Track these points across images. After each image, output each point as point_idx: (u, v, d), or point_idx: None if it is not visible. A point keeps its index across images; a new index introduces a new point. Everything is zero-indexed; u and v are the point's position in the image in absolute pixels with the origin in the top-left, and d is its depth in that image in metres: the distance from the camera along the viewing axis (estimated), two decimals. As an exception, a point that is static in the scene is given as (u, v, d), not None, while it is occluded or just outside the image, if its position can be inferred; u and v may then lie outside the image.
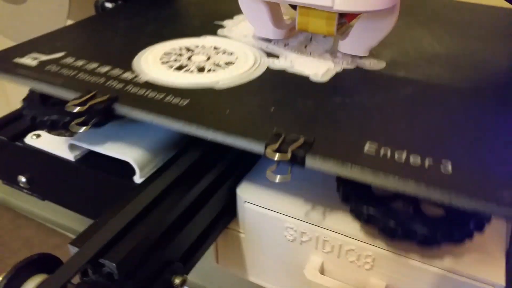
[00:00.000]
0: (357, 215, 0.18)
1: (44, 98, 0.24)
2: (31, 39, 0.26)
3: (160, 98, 0.20)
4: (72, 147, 0.23)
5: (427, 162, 0.16)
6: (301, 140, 0.17)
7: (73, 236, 0.17)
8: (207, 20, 0.29)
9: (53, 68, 0.22)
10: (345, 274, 0.20)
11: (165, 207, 0.19)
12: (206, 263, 0.22)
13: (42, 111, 0.23)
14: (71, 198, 0.25)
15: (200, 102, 0.20)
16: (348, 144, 0.17)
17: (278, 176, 0.17)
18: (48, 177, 0.25)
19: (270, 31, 0.25)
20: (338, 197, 0.20)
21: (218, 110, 0.19)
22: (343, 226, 0.19)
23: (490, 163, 0.16)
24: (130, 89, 0.21)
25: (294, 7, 0.24)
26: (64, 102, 0.24)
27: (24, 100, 0.24)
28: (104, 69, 0.22)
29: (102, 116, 0.19)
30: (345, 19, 0.24)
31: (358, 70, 0.23)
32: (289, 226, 0.20)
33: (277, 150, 0.17)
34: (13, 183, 0.27)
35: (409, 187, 0.15)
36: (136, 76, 0.22)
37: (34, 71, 0.22)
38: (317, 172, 0.20)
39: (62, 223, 0.27)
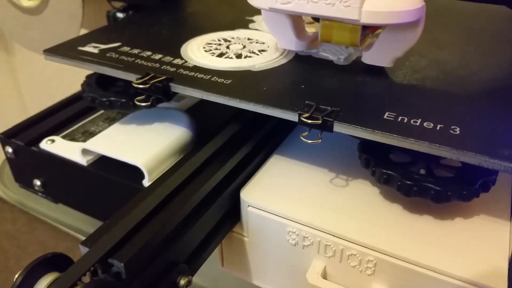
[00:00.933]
0: (377, 177, 0.21)
1: (99, 83, 0.28)
2: (87, 33, 0.30)
3: (207, 78, 0.23)
4: (84, 152, 0.25)
5: (438, 127, 0.19)
6: (330, 109, 0.20)
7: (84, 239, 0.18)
8: (238, 16, 0.32)
9: (113, 55, 0.26)
10: (347, 279, 0.21)
11: (171, 209, 0.19)
12: (212, 266, 0.23)
13: (101, 93, 0.26)
14: (83, 201, 0.27)
15: (241, 82, 0.23)
16: (369, 113, 0.20)
17: (310, 140, 0.20)
18: (61, 181, 0.27)
19: (293, 43, 0.25)
20: (342, 201, 0.22)
21: (257, 88, 0.22)
22: (345, 231, 0.20)
23: (493, 128, 0.19)
24: (181, 71, 0.24)
25: (317, 19, 0.24)
26: (117, 86, 0.28)
27: (83, 85, 0.28)
28: (157, 56, 0.26)
29: (161, 93, 0.23)
30: (368, 30, 0.24)
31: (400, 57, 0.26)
32: (291, 230, 0.21)
33: (309, 118, 0.20)
34: (29, 186, 0.28)
35: (423, 146, 0.18)
36: (185, 62, 0.25)
37: (97, 57, 0.26)
38: (324, 173, 0.23)
39: (75, 225, 0.29)
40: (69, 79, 0.28)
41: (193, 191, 0.21)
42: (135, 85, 0.22)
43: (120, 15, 0.38)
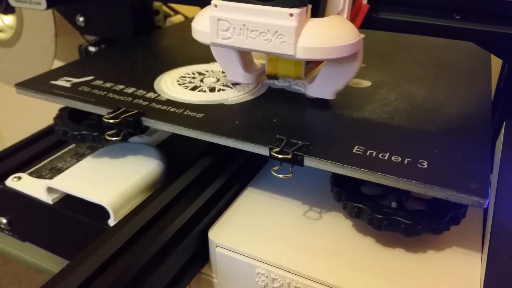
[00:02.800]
0: (348, 211, 0.21)
1: (72, 117, 0.27)
2: (60, 66, 0.30)
3: (179, 112, 0.23)
4: (49, 190, 0.24)
5: (406, 161, 0.19)
6: (300, 144, 0.20)
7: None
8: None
9: (86, 88, 0.26)
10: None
11: (135, 251, 0.19)
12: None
13: (73, 127, 0.26)
14: (50, 240, 0.26)
15: (213, 115, 0.23)
16: (339, 147, 0.20)
17: (280, 175, 0.20)
18: (27, 219, 0.26)
19: (241, 76, 0.25)
20: (314, 239, 0.21)
21: (229, 122, 0.22)
22: (315, 272, 0.20)
23: (462, 161, 0.20)
24: (154, 105, 0.24)
25: None
26: (90, 119, 0.28)
27: (55, 118, 0.28)
28: (130, 90, 0.26)
29: (132, 127, 0.23)
30: (312, 64, 0.25)
31: (348, 87, 0.27)
32: (260, 271, 0.21)
33: (279, 152, 0.20)
34: None
35: (391, 180, 0.18)
36: (158, 95, 0.25)
37: (69, 91, 0.25)
38: (297, 206, 0.22)
39: (42, 265, 0.28)
40: (47, 109, 0.27)
41: (159, 231, 0.20)
42: (105, 120, 0.22)
43: (92, 49, 0.37)
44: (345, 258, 0.21)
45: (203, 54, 0.32)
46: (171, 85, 0.26)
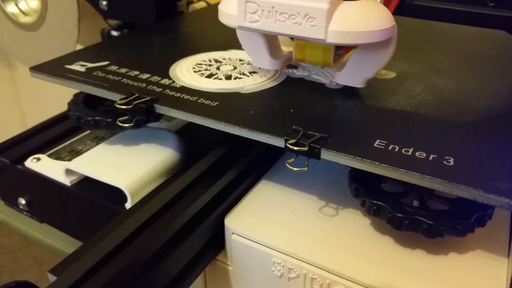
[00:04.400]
0: (367, 208, 0.20)
1: (87, 102, 0.27)
2: (76, 50, 0.29)
3: (193, 100, 0.22)
4: (68, 172, 0.24)
5: (431, 157, 0.18)
6: (318, 136, 0.19)
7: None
8: (232, 36, 0.32)
9: (100, 73, 0.25)
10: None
11: (149, 235, 0.19)
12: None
13: (86, 112, 0.26)
14: (67, 222, 0.26)
15: (228, 104, 0.22)
16: (359, 140, 0.19)
17: (296, 168, 0.19)
18: (46, 200, 0.26)
19: (267, 62, 0.25)
20: (330, 232, 0.21)
21: (244, 110, 0.22)
22: (332, 264, 0.19)
23: (490, 159, 0.18)
24: (168, 92, 0.23)
25: (291, 37, 0.24)
26: (105, 105, 0.27)
27: (69, 103, 0.27)
28: (145, 76, 0.25)
29: (145, 114, 0.22)
30: (342, 50, 0.24)
31: (371, 78, 0.25)
32: (276, 261, 0.20)
33: (295, 144, 0.19)
34: (14, 205, 0.28)
35: (414, 178, 0.17)
36: (173, 82, 0.24)
37: (83, 76, 0.25)
38: (314, 200, 0.22)
39: (59, 247, 0.28)
40: (69, 93, 0.28)
41: (174, 216, 0.20)
42: (118, 106, 0.22)
43: (114, 33, 0.37)
44: (363, 253, 0.20)
45: (222, 41, 0.31)
46: (187, 72, 0.26)
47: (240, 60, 0.28)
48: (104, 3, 0.37)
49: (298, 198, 0.23)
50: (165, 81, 0.25)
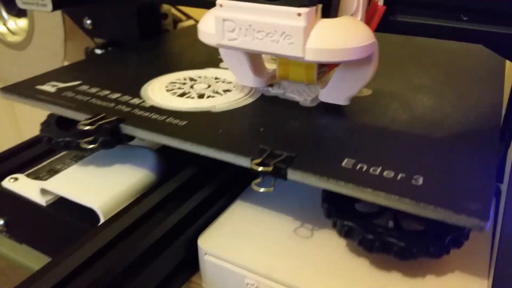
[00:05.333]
0: (338, 229, 0.20)
1: (60, 123, 0.27)
2: (52, 70, 0.29)
3: (162, 119, 0.22)
4: (43, 191, 0.24)
5: (399, 176, 0.17)
6: (284, 155, 0.19)
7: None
8: (211, 54, 0.32)
9: (69, 94, 0.25)
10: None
11: (119, 251, 0.18)
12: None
13: (57, 134, 0.25)
14: (45, 243, 0.26)
15: (197, 123, 0.22)
16: (327, 159, 0.19)
17: (262, 188, 0.19)
18: (23, 220, 0.26)
19: (251, 79, 0.24)
20: (304, 253, 0.20)
21: (212, 130, 0.21)
22: (305, 284, 0.19)
23: (462, 178, 0.18)
24: (136, 112, 0.23)
25: None
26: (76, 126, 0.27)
27: (42, 124, 0.27)
28: (115, 95, 0.25)
29: (109, 135, 0.21)
30: (325, 68, 0.24)
31: (354, 95, 0.25)
32: (249, 282, 0.20)
33: (261, 164, 0.18)
34: None
35: (379, 198, 0.17)
36: (143, 102, 0.24)
37: (52, 96, 0.25)
38: (287, 219, 0.21)
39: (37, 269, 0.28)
40: None
41: (144, 234, 0.19)
42: (81, 126, 0.21)
43: (98, 51, 0.37)
44: (337, 274, 0.19)
45: (200, 59, 0.31)
46: (159, 91, 0.25)
47: (216, 78, 0.27)
48: (88, 22, 0.37)
49: (273, 218, 0.22)
50: (135, 100, 0.24)
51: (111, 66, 0.30)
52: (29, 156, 0.28)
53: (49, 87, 0.26)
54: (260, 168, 0.18)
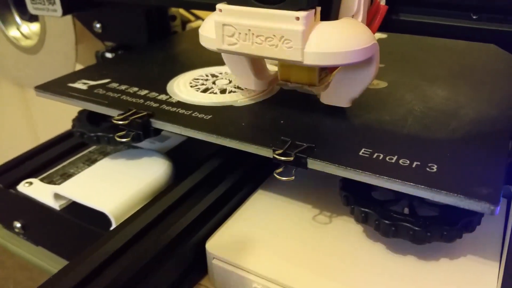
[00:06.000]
0: (355, 215, 0.21)
1: (91, 118, 0.28)
2: (80, 69, 0.31)
3: (188, 114, 0.23)
4: (56, 196, 0.25)
5: (414, 164, 0.19)
6: (304, 146, 0.20)
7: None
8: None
9: (101, 91, 0.26)
10: None
11: (130, 256, 0.19)
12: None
13: (89, 129, 0.27)
14: (60, 245, 0.27)
15: (221, 117, 0.23)
16: (345, 149, 0.20)
17: (284, 178, 0.20)
18: (39, 224, 0.27)
19: (252, 82, 0.25)
20: (313, 255, 0.20)
21: (235, 123, 0.22)
22: None
23: (475, 165, 0.18)
24: (164, 107, 0.24)
25: None
26: (108, 121, 0.28)
27: (73, 120, 0.29)
28: (143, 92, 0.26)
29: (141, 129, 0.23)
30: (327, 70, 0.24)
31: (356, 97, 0.26)
32: (257, 286, 0.20)
33: (283, 154, 0.20)
34: (10, 228, 0.28)
35: (395, 184, 0.18)
36: (169, 97, 0.25)
37: (84, 93, 0.26)
38: (295, 222, 0.22)
39: (53, 271, 0.29)
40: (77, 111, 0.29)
41: (155, 238, 0.20)
42: (115, 121, 0.23)
43: (108, 55, 0.38)
44: (346, 280, 0.20)
45: (218, 56, 0.32)
46: (183, 87, 0.27)
47: (236, 74, 0.29)
48: (98, 26, 0.38)
49: (280, 222, 0.23)
50: (162, 96, 0.26)
51: (135, 65, 0.31)
52: (43, 160, 0.30)
53: (80, 85, 0.27)
54: (283, 158, 0.19)
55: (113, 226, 0.23)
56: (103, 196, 0.23)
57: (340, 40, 0.19)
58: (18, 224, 0.27)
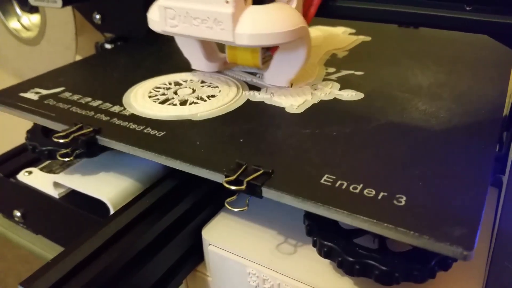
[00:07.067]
0: (318, 249, 0.18)
1: (46, 130, 0.26)
2: (37, 75, 0.28)
3: (139, 129, 0.21)
4: (56, 184, 0.24)
5: (380, 195, 0.16)
6: (261, 171, 0.18)
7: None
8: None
9: (51, 102, 0.24)
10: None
11: (127, 241, 0.19)
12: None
13: (42, 142, 0.25)
14: (59, 234, 0.26)
15: (175, 134, 0.21)
16: (306, 175, 0.18)
17: (236, 208, 0.18)
18: (38, 212, 0.27)
19: (204, 64, 0.26)
20: (306, 241, 0.20)
21: (190, 141, 0.20)
22: (306, 274, 0.19)
23: (448, 197, 0.16)
24: (115, 121, 0.22)
25: None
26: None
27: (28, 131, 0.27)
28: (96, 103, 0.24)
29: (85, 147, 0.21)
30: (269, 52, 0.25)
31: (335, 101, 0.23)
32: (251, 271, 0.20)
33: (234, 181, 0.17)
34: (10, 217, 0.28)
35: (357, 221, 0.15)
36: (123, 109, 0.23)
37: (33, 105, 0.24)
38: (289, 211, 0.20)
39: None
40: None
41: (151, 224, 0.20)
42: (55, 139, 0.20)
43: (108, 46, 0.37)
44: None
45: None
46: (141, 98, 0.24)
47: (202, 82, 0.26)
48: (97, 17, 0.38)
49: (274, 211, 0.22)
50: (115, 108, 0.23)
51: (98, 70, 0.29)
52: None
53: (32, 95, 0.25)
54: (233, 187, 0.17)
55: (111, 213, 0.22)
56: (101, 185, 0.23)
57: (268, 22, 0.20)
58: (18, 213, 0.27)
